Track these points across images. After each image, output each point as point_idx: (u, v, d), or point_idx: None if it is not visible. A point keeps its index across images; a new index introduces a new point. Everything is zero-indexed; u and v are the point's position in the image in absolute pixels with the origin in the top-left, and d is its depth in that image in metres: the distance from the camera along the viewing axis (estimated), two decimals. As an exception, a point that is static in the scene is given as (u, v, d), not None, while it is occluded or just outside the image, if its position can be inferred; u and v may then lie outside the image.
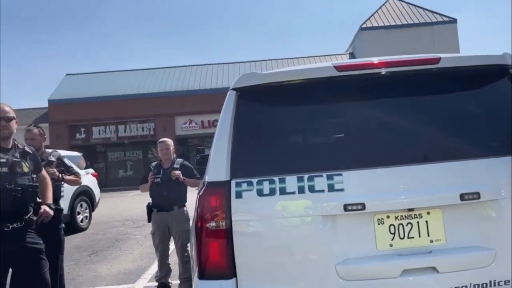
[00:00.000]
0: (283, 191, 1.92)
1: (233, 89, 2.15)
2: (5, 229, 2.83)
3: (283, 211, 1.92)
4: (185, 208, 4.59)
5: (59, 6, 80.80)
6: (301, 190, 1.91)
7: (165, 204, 4.45)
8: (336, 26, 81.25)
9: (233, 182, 1.95)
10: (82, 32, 77.23)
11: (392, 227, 1.92)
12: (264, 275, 1.92)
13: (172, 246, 4.61)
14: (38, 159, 3.28)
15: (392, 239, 1.92)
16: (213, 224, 1.93)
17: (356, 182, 1.92)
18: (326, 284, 1.90)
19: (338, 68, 2.05)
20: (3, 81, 62.42)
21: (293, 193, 1.92)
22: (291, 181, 1.92)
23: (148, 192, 4.66)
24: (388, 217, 1.92)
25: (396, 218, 1.92)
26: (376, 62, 2.08)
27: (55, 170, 4.05)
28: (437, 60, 2.08)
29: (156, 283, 4.56)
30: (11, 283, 3.23)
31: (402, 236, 1.92)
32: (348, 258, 1.90)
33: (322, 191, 1.91)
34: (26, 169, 3.00)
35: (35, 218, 3.02)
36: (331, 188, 1.91)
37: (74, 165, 8.85)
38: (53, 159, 4.15)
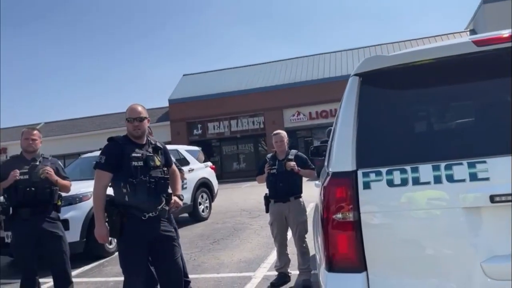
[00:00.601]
0: (416, 181, 1.78)
1: (356, 74, 2.05)
2: (142, 218, 3.11)
3: (417, 202, 1.78)
4: (301, 199, 4.60)
5: (167, 11, 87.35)
6: (437, 179, 1.75)
7: (281, 194, 4.51)
8: (450, 4, 74.33)
9: (359, 172, 1.86)
10: (193, 34, 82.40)
11: (551, 222, 1.66)
12: (397, 270, 1.81)
13: (289, 235, 4.66)
14: (169, 154, 3.54)
15: (552, 235, 1.66)
16: (339, 215, 1.87)
17: (504, 170, 1.69)
18: (470, 283, 1.71)
19: (477, 42, 1.83)
20: (130, 89, 69.78)
21: (428, 183, 1.76)
22: (426, 170, 1.77)
23: (262, 184, 4.77)
24: (545, 210, 1.66)
25: None
26: None
27: None
28: None
29: (276, 273, 4.65)
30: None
31: None
32: (496, 256, 1.69)
33: (463, 180, 1.72)
34: (158, 163, 3.27)
35: (167, 208, 3.28)
36: (473, 177, 1.71)
37: (192, 158, 9.55)
38: None
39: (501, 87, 1.91)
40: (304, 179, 4.66)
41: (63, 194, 4.28)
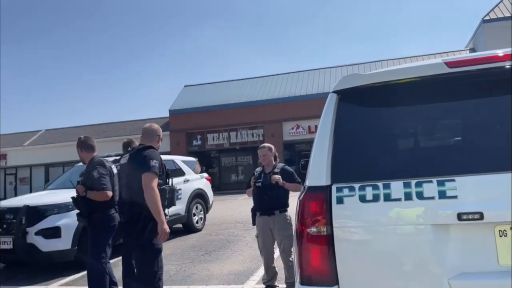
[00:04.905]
0: (387, 198, 1.81)
1: (334, 91, 2.10)
2: None
3: (387, 218, 1.82)
4: (287, 212, 4.59)
5: (170, 23, 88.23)
6: (408, 196, 1.79)
7: (266, 208, 4.52)
8: (453, 22, 75.04)
9: (334, 187, 1.90)
10: (195, 47, 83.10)
11: (517, 241, 1.69)
12: (368, 285, 1.84)
13: (277, 249, 4.66)
14: None
15: (518, 254, 1.69)
16: (314, 229, 1.90)
17: (472, 189, 1.73)
18: (437, 299, 1.74)
19: (449, 64, 1.88)
20: (135, 97, 70.10)
21: (399, 199, 1.80)
22: (397, 187, 1.81)
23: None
24: (512, 229, 1.70)
25: None
26: (492, 55, 1.86)
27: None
28: None
29: (264, 286, 4.65)
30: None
31: (530, 251, 1.68)
32: (463, 273, 1.72)
33: (432, 198, 1.76)
34: None
35: None
36: (442, 195, 1.75)
37: (188, 168, 9.54)
38: None
39: (474, 107, 1.95)
40: (294, 194, 4.66)
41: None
